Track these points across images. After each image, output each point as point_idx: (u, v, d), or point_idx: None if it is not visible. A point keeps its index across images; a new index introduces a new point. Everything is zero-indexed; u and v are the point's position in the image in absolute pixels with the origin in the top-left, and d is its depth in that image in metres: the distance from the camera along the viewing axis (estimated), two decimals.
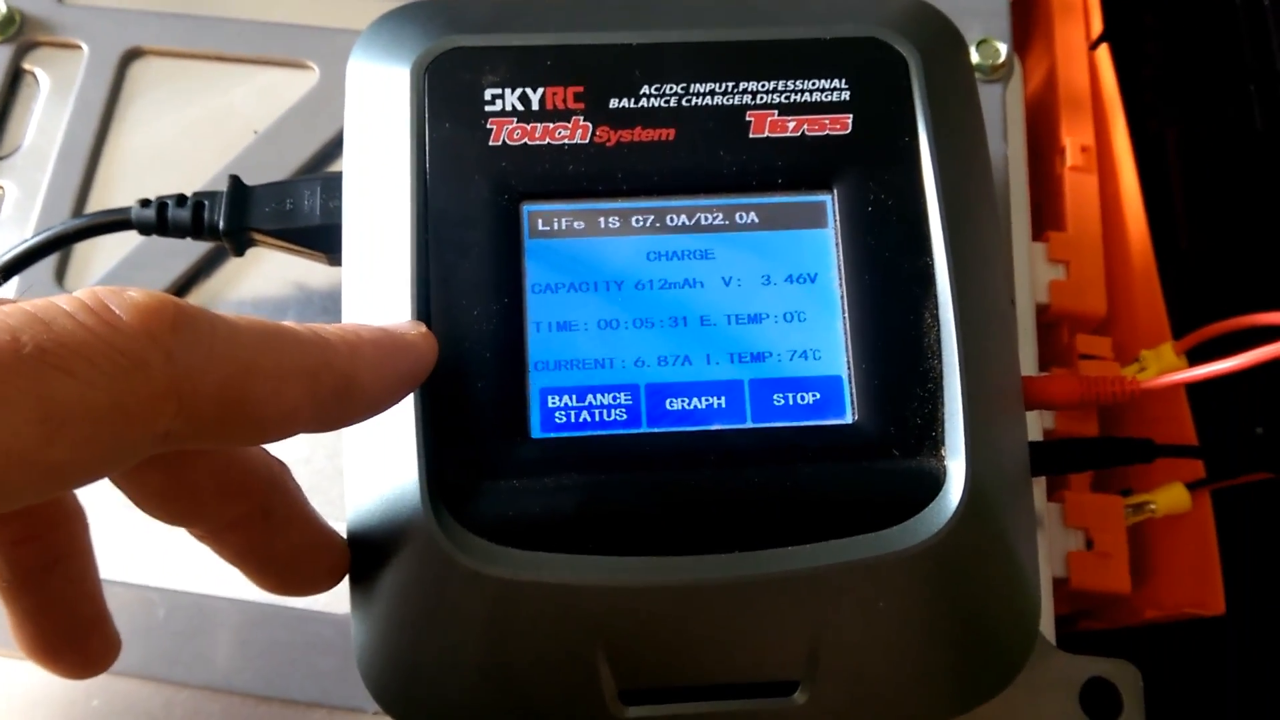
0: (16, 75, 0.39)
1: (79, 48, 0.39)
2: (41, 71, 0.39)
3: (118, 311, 0.17)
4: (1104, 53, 0.42)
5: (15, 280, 0.34)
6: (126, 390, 0.17)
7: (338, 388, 0.21)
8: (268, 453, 0.23)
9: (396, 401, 0.23)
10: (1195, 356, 0.35)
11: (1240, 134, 0.45)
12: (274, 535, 0.23)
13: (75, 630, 0.23)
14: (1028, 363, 0.35)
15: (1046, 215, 0.39)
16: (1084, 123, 0.40)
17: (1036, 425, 0.34)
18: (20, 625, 0.23)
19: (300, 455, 0.33)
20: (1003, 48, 0.38)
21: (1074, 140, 0.39)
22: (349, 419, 0.22)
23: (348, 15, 0.39)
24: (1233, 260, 0.43)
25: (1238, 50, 0.46)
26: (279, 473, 0.23)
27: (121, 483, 0.21)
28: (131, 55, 0.39)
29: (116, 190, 0.37)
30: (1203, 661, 0.40)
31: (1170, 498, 0.34)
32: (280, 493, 0.23)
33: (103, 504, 0.32)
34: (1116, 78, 0.41)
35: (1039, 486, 0.34)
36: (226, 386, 0.18)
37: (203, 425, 0.18)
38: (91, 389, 0.17)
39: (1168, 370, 0.34)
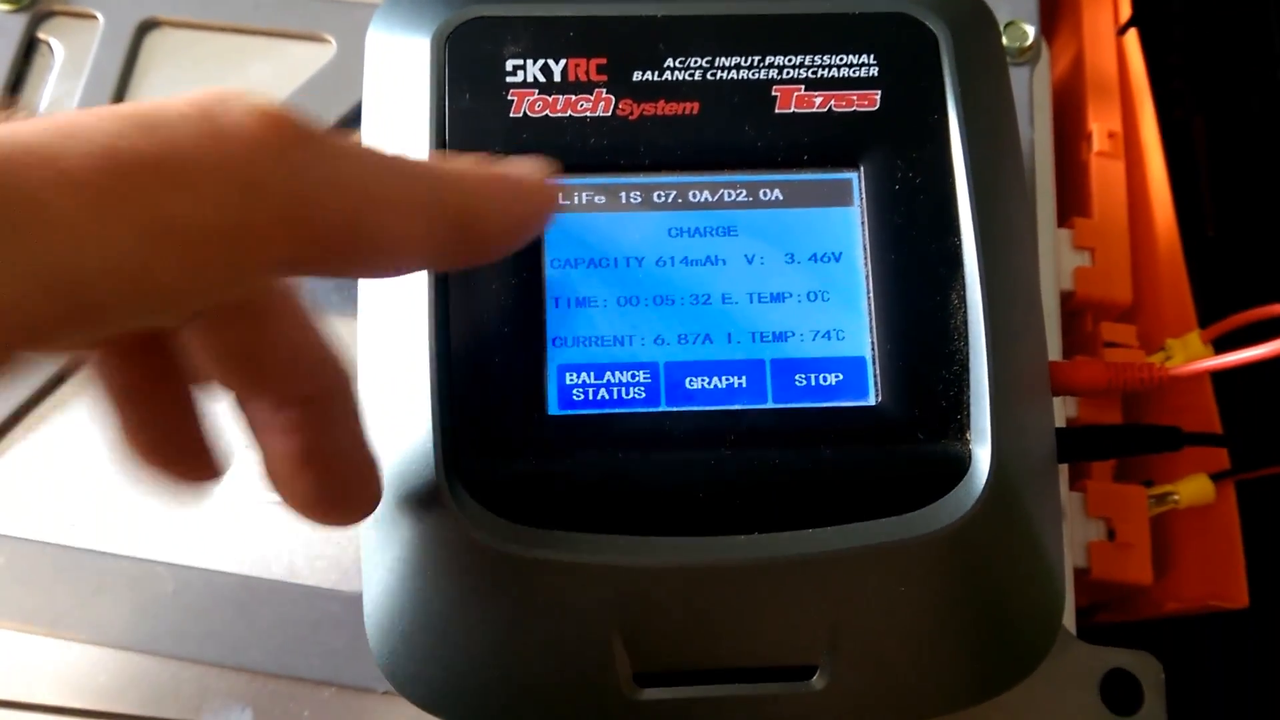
0: (31, 45, 0.38)
1: (94, 18, 0.38)
2: (56, 41, 0.38)
3: (237, 120, 0.16)
4: (1132, 38, 0.41)
5: None
6: (244, 209, 0.16)
7: (458, 223, 0.20)
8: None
9: (516, 246, 0.22)
10: (1222, 346, 0.34)
11: (1268, 121, 0.44)
12: (326, 435, 0.22)
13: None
14: (1052, 350, 0.34)
15: (1072, 201, 0.39)
16: (1111, 108, 0.39)
17: (1060, 413, 0.34)
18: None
19: None
20: (1030, 30, 0.37)
21: (1101, 126, 0.39)
22: (467, 258, 0.21)
23: None
24: (1260, 249, 0.43)
25: (1266, 37, 0.46)
26: (345, 373, 0.22)
27: (198, 337, 0.20)
28: (147, 26, 0.38)
29: None
30: (1225, 654, 0.39)
31: (1194, 489, 0.34)
32: (342, 393, 0.22)
33: (110, 477, 0.32)
34: (1144, 63, 0.40)
35: (1061, 475, 0.33)
36: (347, 212, 0.17)
37: (320, 252, 0.17)
38: (205, 206, 0.15)
39: (1194, 359, 0.34)
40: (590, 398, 0.25)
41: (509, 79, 0.26)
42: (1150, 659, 0.29)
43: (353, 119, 0.37)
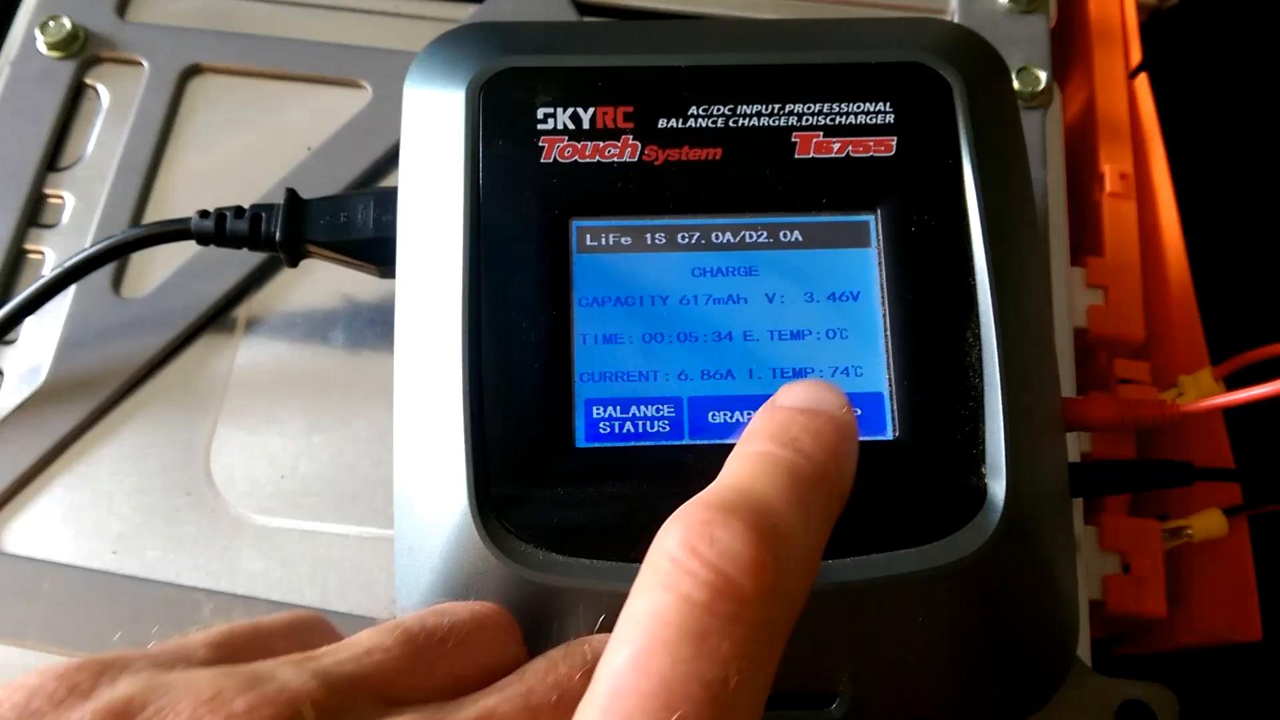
0: (79, 89, 0.40)
1: (140, 64, 0.40)
2: (103, 86, 0.40)
3: (739, 585, 0.18)
4: (1143, 81, 0.42)
5: (73, 288, 0.35)
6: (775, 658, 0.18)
7: (841, 507, 0.22)
8: None
9: None
10: (1234, 383, 0.35)
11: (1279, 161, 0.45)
12: None
13: None
14: (1066, 386, 0.35)
15: (1085, 241, 0.40)
16: (1123, 150, 0.40)
17: (1074, 448, 0.34)
18: None
19: (345, 462, 0.34)
20: (1043, 75, 0.38)
21: (1112, 167, 0.40)
22: None
23: (399, 36, 0.40)
24: (1272, 287, 0.43)
25: (1277, 77, 0.47)
26: None
27: None
28: (190, 72, 0.40)
29: (173, 203, 0.38)
30: (1239, 688, 0.39)
31: (1207, 523, 0.34)
32: None
33: (151, 506, 0.33)
34: (1155, 106, 0.41)
35: (1076, 509, 0.34)
36: (809, 585, 0.20)
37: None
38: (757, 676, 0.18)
39: (1206, 396, 0.34)
40: (616, 431, 0.26)
41: (540, 126, 0.28)
42: (1165, 691, 0.30)
43: (387, 163, 0.38)
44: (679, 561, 0.18)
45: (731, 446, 0.26)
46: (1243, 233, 0.45)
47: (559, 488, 0.25)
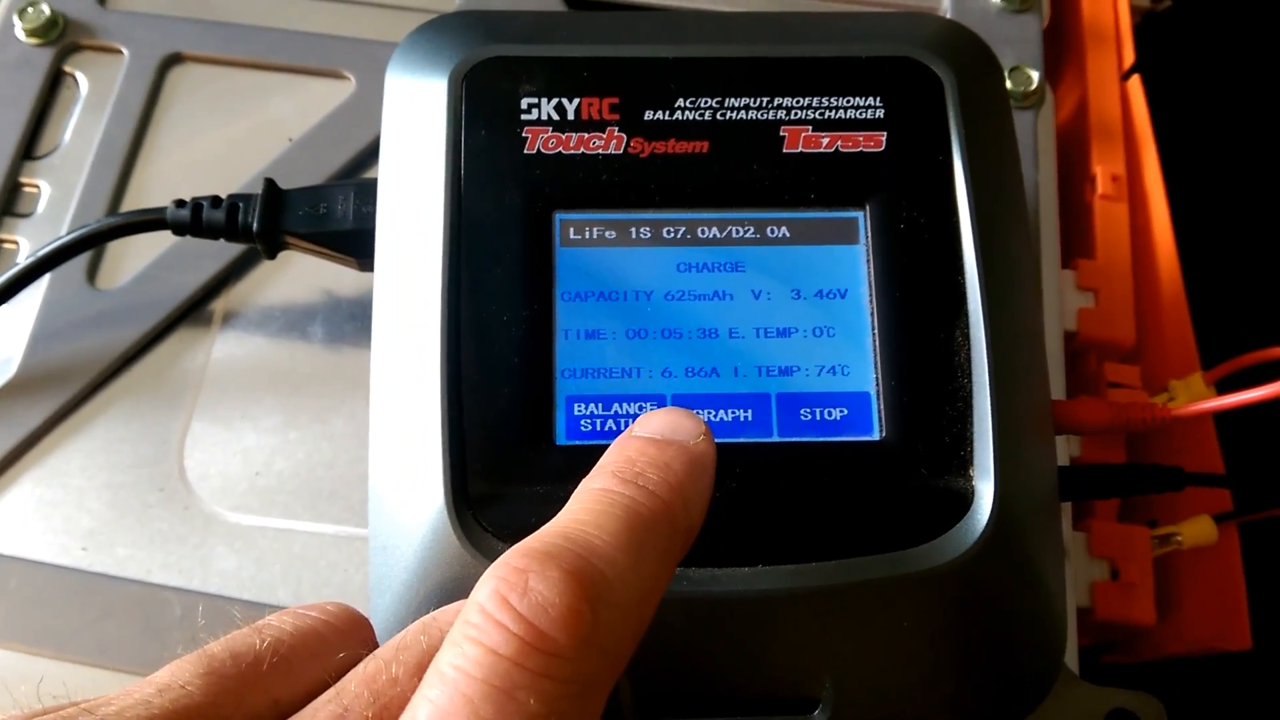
0: (57, 77, 0.39)
1: (119, 52, 0.39)
2: (81, 74, 0.39)
3: (550, 638, 0.17)
4: (1136, 83, 0.42)
5: (47, 277, 0.35)
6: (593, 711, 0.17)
7: (688, 544, 0.21)
8: None
9: None
10: (1225, 387, 0.34)
11: (1272, 165, 0.45)
12: None
13: None
14: (1056, 390, 0.34)
15: (1076, 243, 0.39)
16: (1115, 152, 0.40)
17: (1063, 452, 0.34)
18: None
19: (323, 459, 0.33)
20: (1035, 75, 0.38)
21: (1104, 169, 0.39)
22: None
23: (385, 27, 0.40)
24: (1264, 292, 0.43)
25: (1270, 80, 0.46)
26: None
27: None
28: (171, 61, 0.39)
29: (151, 194, 0.37)
30: (1228, 697, 0.39)
31: (1197, 530, 0.34)
32: None
33: (121, 503, 0.32)
34: (1148, 108, 0.41)
35: (1065, 514, 0.33)
36: (640, 629, 0.19)
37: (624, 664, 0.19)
38: None
39: (1197, 400, 0.34)
40: (598, 429, 0.25)
41: (523, 117, 0.27)
42: (1152, 700, 0.29)
43: (370, 155, 0.37)
44: (488, 614, 0.17)
45: (719, 446, 0.25)
46: (1235, 236, 0.44)
47: (538, 486, 0.25)
